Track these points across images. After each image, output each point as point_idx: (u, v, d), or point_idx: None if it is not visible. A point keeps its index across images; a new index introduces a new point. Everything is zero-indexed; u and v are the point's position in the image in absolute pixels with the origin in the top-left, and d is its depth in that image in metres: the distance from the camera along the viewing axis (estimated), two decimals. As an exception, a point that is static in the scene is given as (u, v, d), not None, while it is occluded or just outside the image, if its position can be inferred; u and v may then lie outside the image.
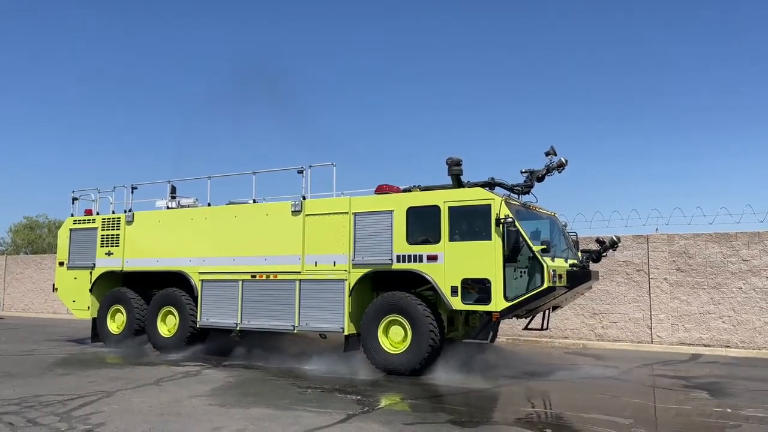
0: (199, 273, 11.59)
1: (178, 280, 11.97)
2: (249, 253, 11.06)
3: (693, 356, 12.16)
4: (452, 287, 9.17)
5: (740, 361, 11.57)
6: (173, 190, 13.12)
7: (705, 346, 12.92)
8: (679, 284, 13.38)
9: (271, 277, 10.74)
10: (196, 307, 11.56)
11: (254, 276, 10.93)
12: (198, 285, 11.55)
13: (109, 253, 12.93)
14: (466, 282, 9.13)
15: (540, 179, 9.96)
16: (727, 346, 12.72)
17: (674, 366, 10.86)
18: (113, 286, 13.02)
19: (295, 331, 10.42)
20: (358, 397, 7.69)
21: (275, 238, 10.82)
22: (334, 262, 10.15)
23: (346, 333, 9.87)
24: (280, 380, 9.04)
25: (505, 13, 45.33)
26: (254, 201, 11.66)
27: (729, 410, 7.12)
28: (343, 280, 10.01)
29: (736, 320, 12.77)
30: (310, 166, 10.86)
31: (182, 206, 12.77)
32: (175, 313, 11.79)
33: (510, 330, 14.26)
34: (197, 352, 11.59)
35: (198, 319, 11.51)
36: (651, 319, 13.56)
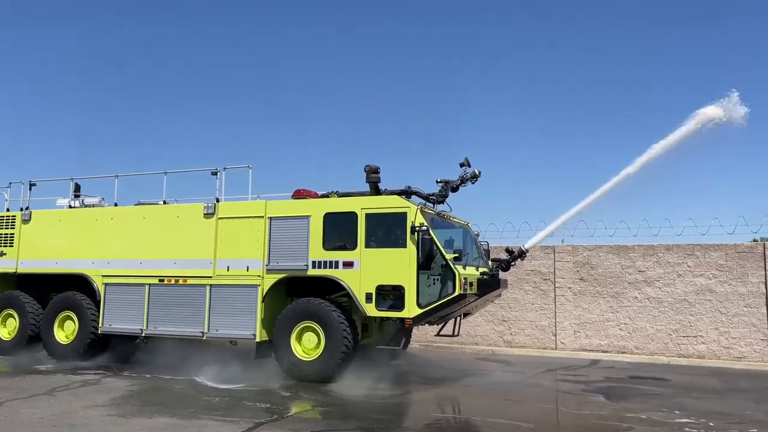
0: (103, 276, 11.01)
1: (78, 283, 11.31)
2: (157, 257, 10.63)
3: (593, 362, 12.81)
4: (367, 294, 9.20)
5: (634, 366, 12.30)
6: (77, 188, 12.43)
7: (604, 352, 13.65)
8: (582, 293, 14.09)
9: (181, 282, 10.37)
10: (98, 312, 10.97)
11: (162, 280, 10.51)
12: (101, 289, 10.97)
13: (1, 254, 12.05)
14: (380, 289, 9.18)
15: (454, 189, 10.21)
16: (623, 352, 13.50)
17: (575, 371, 11.39)
18: (5, 289, 12.12)
19: (204, 338, 10.10)
20: (268, 405, 7.55)
21: (186, 241, 10.46)
22: (248, 267, 9.94)
23: (257, 340, 9.67)
24: (187, 388, 8.73)
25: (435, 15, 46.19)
26: (165, 202, 11.23)
27: (623, 413, 7.55)
28: (256, 286, 9.81)
29: (631, 328, 13.59)
30: (225, 168, 10.63)
31: (86, 206, 12.10)
32: (75, 318, 11.13)
33: (423, 336, 14.47)
34: (98, 359, 10.99)
35: (100, 325, 10.92)
36: (556, 326, 14.18)
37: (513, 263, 10.72)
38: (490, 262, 10.79)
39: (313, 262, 9.59)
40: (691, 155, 10.12)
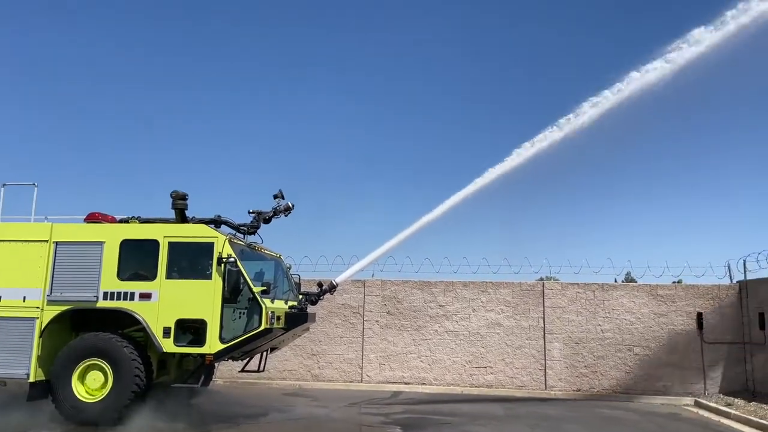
0: None
1: None
2: None
3: (395, 394, 13.27)
4: (165, 328, 8.61)
5: (432, 396, 12.98)
6: None
7: (406, 383, 14.23)
8: (388, 326, 14.62)
9: (-65, 313, 8.82)
10: None
11: None
12: None
13: None
14: (180, 323, 8.65)
15: (267, 221, 10.08)
16: (424, 383, 14.20)
17: (378, 404, 11.70)
18: None
19: (-38, 379, 8.66)
20: (36, 456, 6.64)
21: (-54, 265, 8.97)
22: (24, 298, 8.79)
23: (32, 380, 8.53)
24: (-68, 441, 7.37)
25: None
26: None
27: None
28: (33, 318, 8.69)
29: (431, 359, 14.37)
30: (5, 185, 9.38)
31: None
32: None
33: (228, 372, 13.89)
34: None
35: None
36: (363, 359, 14.50)
37: (322, 297, 10.81)
38: (300, 296, 10.76)
39: (105, 293, 8.77)
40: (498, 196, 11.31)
